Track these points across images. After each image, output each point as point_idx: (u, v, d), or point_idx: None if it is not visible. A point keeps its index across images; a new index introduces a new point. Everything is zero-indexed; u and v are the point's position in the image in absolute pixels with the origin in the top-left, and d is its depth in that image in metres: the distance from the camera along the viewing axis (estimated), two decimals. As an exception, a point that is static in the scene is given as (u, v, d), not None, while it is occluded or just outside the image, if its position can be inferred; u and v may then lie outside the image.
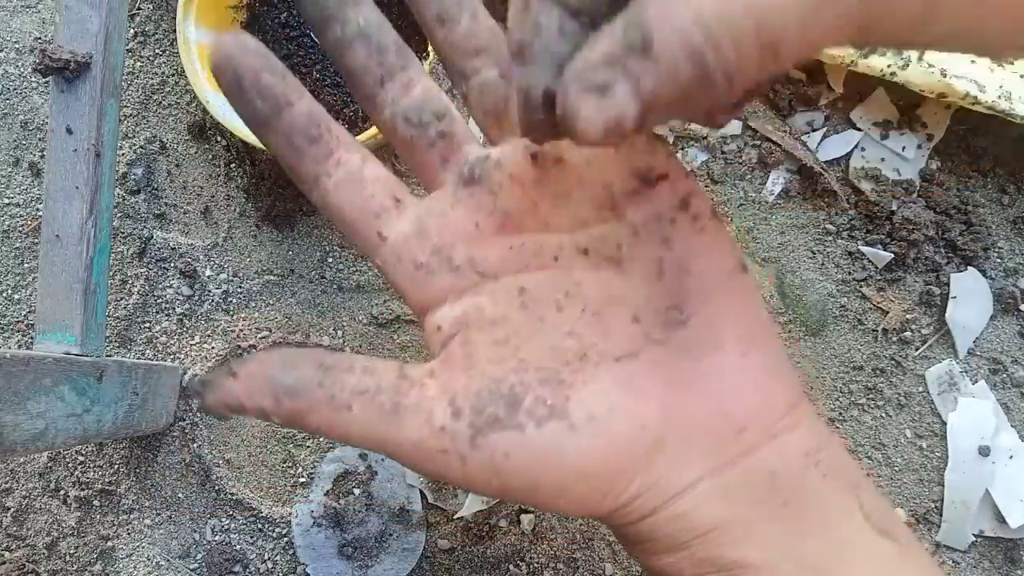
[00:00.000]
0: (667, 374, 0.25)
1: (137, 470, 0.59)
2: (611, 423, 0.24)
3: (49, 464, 0.60)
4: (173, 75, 0.62)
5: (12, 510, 0.60)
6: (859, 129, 0.58)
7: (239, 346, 0.59)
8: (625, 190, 0.26)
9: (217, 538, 0.59)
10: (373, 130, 0.51)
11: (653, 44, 0.16)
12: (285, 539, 0.58)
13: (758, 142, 0.59)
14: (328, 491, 0.58)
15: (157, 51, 0.63)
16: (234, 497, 0.59)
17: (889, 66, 0.54)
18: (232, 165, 0.61)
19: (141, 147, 0.62)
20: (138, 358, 0.60)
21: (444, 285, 0.28)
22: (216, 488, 0.59)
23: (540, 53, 0.19)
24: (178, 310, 0.60)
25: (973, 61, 0.55)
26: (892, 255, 0.56)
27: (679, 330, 0.25)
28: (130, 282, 0.61)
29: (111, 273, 0.60)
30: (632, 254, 0.26)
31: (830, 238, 0.58)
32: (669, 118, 0.19)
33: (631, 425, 0.24)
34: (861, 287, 0.57)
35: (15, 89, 0.63)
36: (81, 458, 0.59)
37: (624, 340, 0.25)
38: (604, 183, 0.26)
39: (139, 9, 0.63)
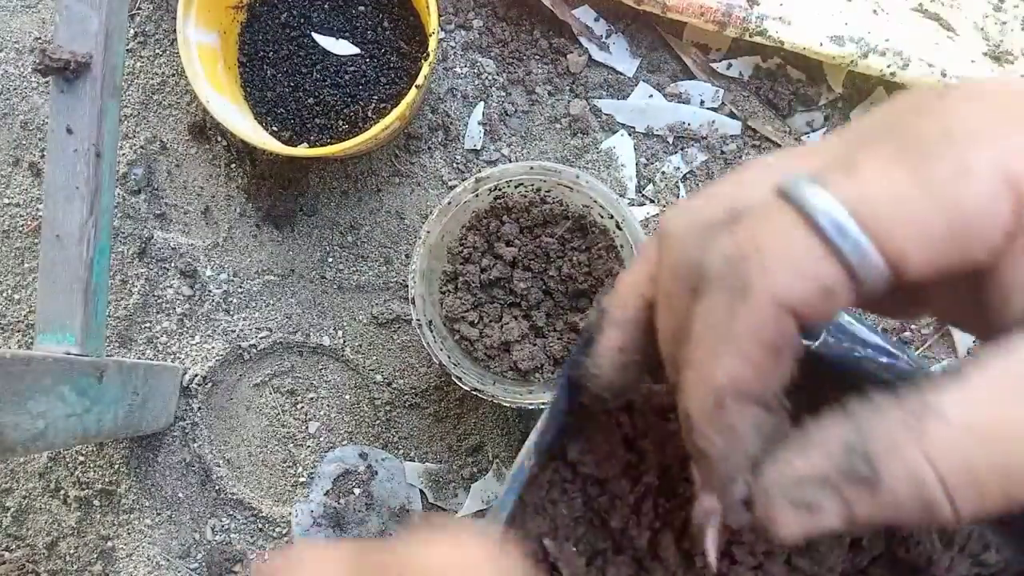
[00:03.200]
0: None
1: (137, 470, 0.59)
2: None
3: (49, 464, 0.60)
4: (173, 75, 0.62)
5: (12, 510, 0.60)
6: (859, 129, 0.58)
7: (239, 346, 0.59)
8: None
9: (217, 538, 0.59)
10: (373, 130, 0.51)
11: (879, 481, 0.15)
12: (285, 539, 0.58)
13: (758, 142, 0.59)
14: (328, 491, 0.58)
15: (157, 51, 0.63)
16: (234, 497, 0.59)
17: (889, 66, 0.54)
18: (232, 165, 0.61)
19: (141, 147, 0.62)
20: (138, 358, 0.60)
21: None
22: (216, 488, 0.59)
23: (735, 455, 0.18)
24: (178, 310, 0.60)
25: (973, 61, 0.55)
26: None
27: None
28: (130, 282, 0.61)
29: (111, 273, 0.60)
30: None
31: (830, 238, 0.58)
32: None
33: None
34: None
35: (15, 89, 0.63)
36: (81, 458, 0.59)
37: None
38: None
39: (139, 9, 0.63)
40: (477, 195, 0.50)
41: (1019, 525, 0.26)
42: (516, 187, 0.51)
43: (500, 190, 0.51)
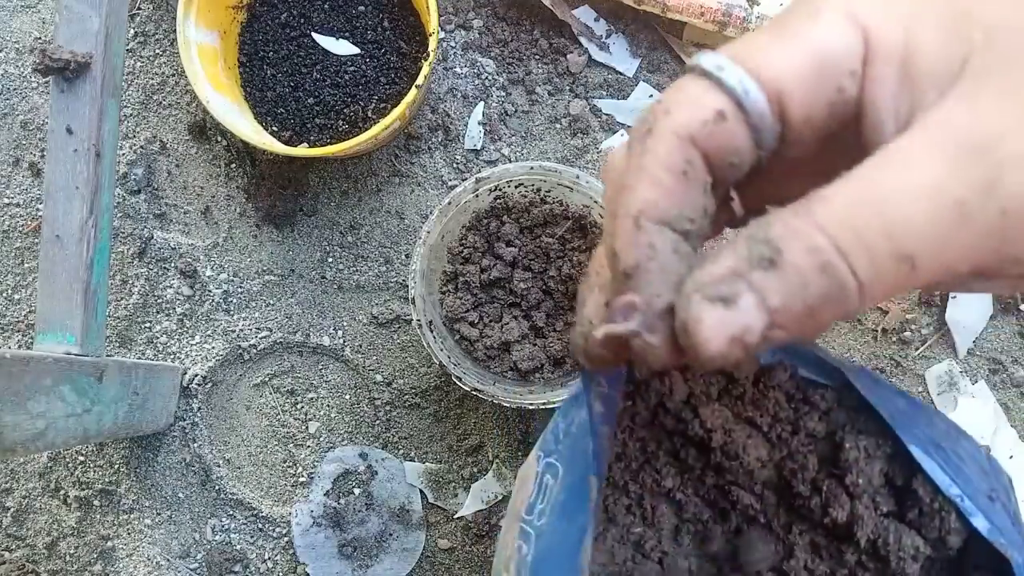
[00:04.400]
0: None
1: (137, 470, 0.59)
2: None
3: (49, 464, 0.60)
4: (173, 75, 0.62)
5: (12, 510, 0.60)
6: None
7: (239, 346, 0.59)
8: None
9: (217, 538, 0.59)
10: (373, 130, 0.51)
11: (783, 257, 0.17)
12: (285, 539, 0.58)
13: (758, 142, 0.59)
14: (328, 491, 0.58)
15: (157, 51, 0.63)
16: (234, 497, 0.59)
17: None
18: (232, 165, 0.61)
19: (141, 147, 0.62)
20: (138, 358, 0.60)
21: None
22: (216, 488, 0.59)
23: (656, 272, 0.19)
24: (178, 310, 0.60)
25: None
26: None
27: None
28: (130, 282, 0.61)
29: (111, 273, 0.60)
30: None
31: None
32: (793, 336, 0.18)
33: None
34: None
35: (15, 89, 0.63)
36: (81, 458, 0.59)
37: None
38: None
39: (139, 9, 0.63)
40: (477, 195, 0.50)
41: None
42: (516, 187, 0.51)
43: (500, 190, 0.51)
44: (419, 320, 0.49)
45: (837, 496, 0.27)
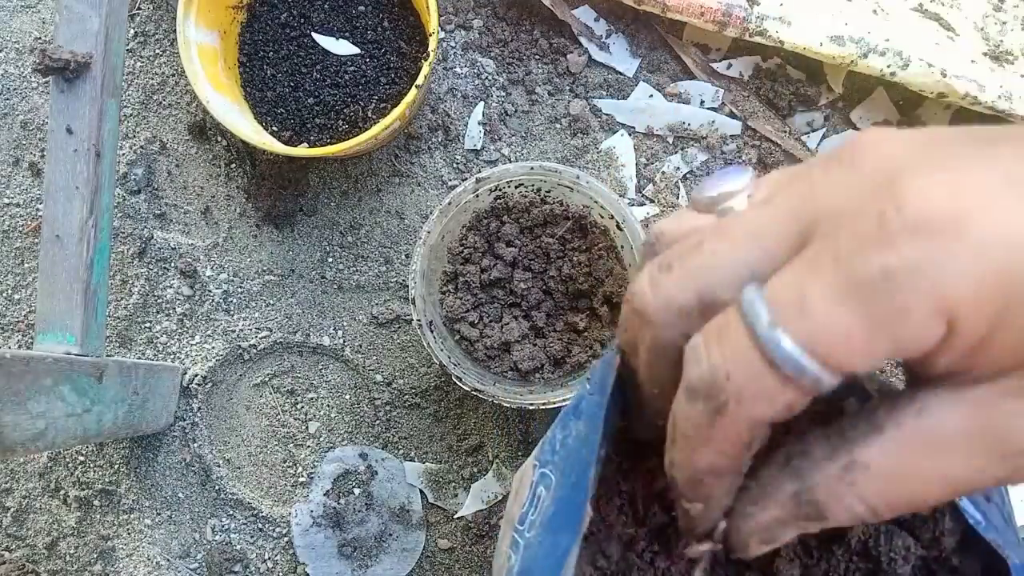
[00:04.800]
0: None
1: (137, 470, 0.59)
2: None
3: (49, 464, 0.60)
4: (173, 75, 0.62)
5: (12, 510, 0.60)
6: (859, 129, 0.58)
7: (239, 346, 0.59)
8: None
9: (217, 538, 0.59)
10: (373, 130, 0.51)
11: (828, 517, 0.20)
12: (285, 539, 0.58)
13: (758, 142, 0.59)
14: (328, 491, 0.58)
15: (157, 51, 0.63)
16: (234, 497, 0.59)
17: (889, 66, 0.54)
18: (232, 165, 0.61)
19: (141, 147, 0.62)
20: (138, 358, 0.60)
21: None
22: (216, 488, 0.59)
23: (712, 510, 0.23)
24: (178, 310, 0.60)
25: (973, 61, 0.55)
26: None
27: None
28: (130, 282, 0.61)
29: (111, 273, 0.60)
30: None
31: (830, 238, 0.58)
32: None
33: None
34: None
35: (15, 89, 0.63)
36: (81, 458, 0.59)
37: None
38: None
39: (139, 9, 0.63)
40: (477, 195, 0.50)
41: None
42: (516, 187, 0.51)
43: (500, 190, 0.51)
44: (419, 320, 0.49)
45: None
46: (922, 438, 0.19)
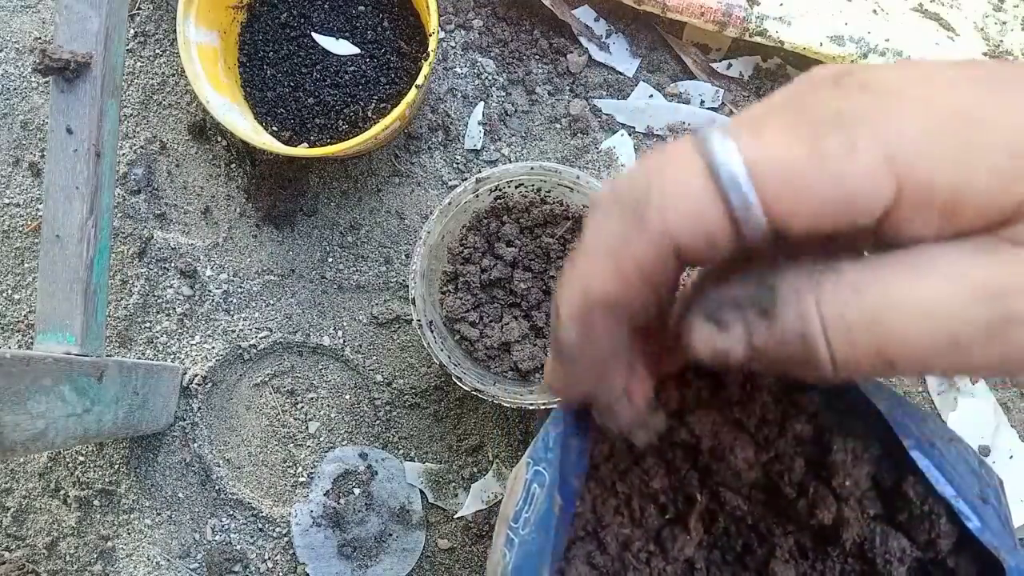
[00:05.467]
0: None
1: (137, 470, 0.59)
2: None
3: (49, 464, 0.60)
4: (173, 75, 0.62)
5: (12, 510, 0.60)
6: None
7: (239, 346, 0.59)
8: None
9: (217, 538, 0.59)
10: (373, 130, 0.51)
11: (776, 312, 0.18)
12: (285, 539, 0.58)
13: (758, 142, 0.59)
14: (328, 491, 0.58)
15: (157, 51, 0.63)
16: (234, 497, 0.59)
17: (889, 66, 0.54)
18: (232, 165, 0.61)
19: (141, 147, 0.62)
20: (138, 358, 0.60)
21: None
22: (216, 488, 0.59)
23: (587, 365, 0.22)
24: (178, 310, 0.60)
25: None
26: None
27: None
28: (130, 282, 0.61)
29: (111, 273, 0.60)
30: None
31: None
32: (770, 372, 0.20)
33: None
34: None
35: (15, 89, 0.63)
36: (81, 458, 0.59)
37: None
38: None
39: (139, 9, 0.63)
40: (477, 195, 0.50)
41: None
42: (516, 187, 0.51)
43: (500, 190, 0.51)
44: (419, 320, 0.49)
45: (824, 498, 0.27)
46: (912, 260, 0.18)
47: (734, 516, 0.29)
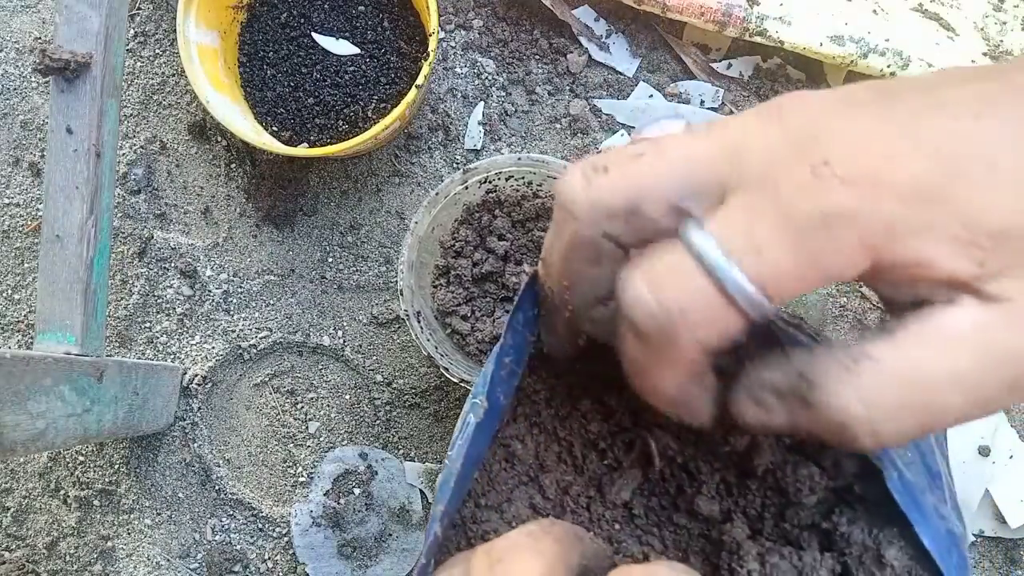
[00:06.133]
0: None
1: (137, 470, 0.59)
2: None
3: (49, 464, 0.60)
4: (173, 75, 0.62)
5: (12, 510, 0.60)
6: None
7: (239, 346, 0.59)
8: None
9: (217, 538, 0.59)
10: (373, 130, 0.51)
11: (815, 404, 0.20)
12: (285, 539, 0.58)
13: (758, 142, 0.59)
14: (328, 491, 0.58)
15: (157, 51, 0.63)
16: (234, 497, 0.59)
17: (889, 66, 0.54)
18: (232, 165, 0.61)
19: (141, 147, 0.62)
20: (138, 358, 0.60)
21: None
22: (216, 488, 0.59)
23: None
24: (178, 310, 0.60)
25: (973, 61, 0.55)
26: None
27: None
28: (130, 282, 0.61)
29: (111, 273, 0.60)
30: None
31: (830, 238, 0.58)
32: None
33: None
34: (861, 287, 0.57)
35: (15, 89, 0.63)
36: (81, 458, 0.59)
37: None
38: None
39: (139, 9, 0.63)
40: (467, 187, 0.50)
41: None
42: (507, 180, 0.51)
43: (491, 183, 0.51)
44: (407, 311, 0.49)
45: (736, 424, 0.28)
46: (932, 334, 0.20)
47: (666, 456, 0.30)
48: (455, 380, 0.48)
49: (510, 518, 0.30)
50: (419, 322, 0.49)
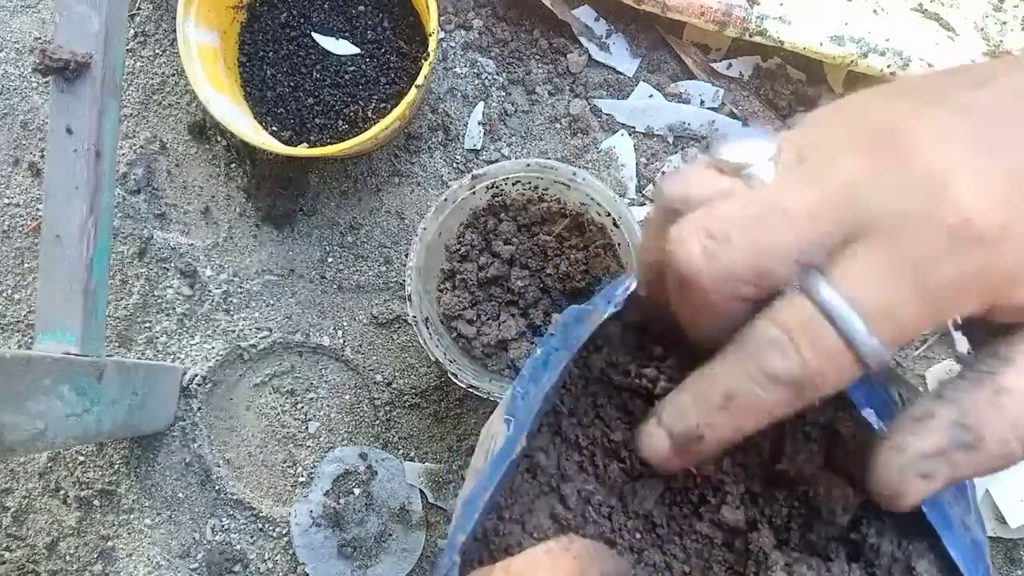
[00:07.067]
0: None
1: (137, 470, 0.59)
2: None
3: (49, 464, 0.60)
4: (173, 75, 0.62)
5: (12, 510, 0.60)
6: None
7: (239, 346, 0.59)
8: None
9: (217, 538, 0.59)
10: (373, 130, 0.51)
11: (984, 444, 0.21)
12: (285, 539, 0.58)
13: (758, 142, 0.59)
14: (328, 491, 0.58)
15: (157, 51, 0.63)
16: (234, 497, 0.59)
17: (889, 66, 0.54)
18: (232, 165, 0.61)
19: (141, 147, 0.62)
20: (138, 358, 0.60)
21: None
22: (216, 488, 0.59)
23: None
24: (178, 310, 0.60)
25: (973, 61, 0.55)
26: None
27: None
28: (130, 282, 0.61)
29: (111, 273, 0.60)
30: None
31: (830, 238, 0.58)
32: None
33: None
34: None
35: (15, 89, 0.63)
36: (81, 458, 0.59)
37: None
38: None
39: (139, 9, 0.63)
40: (474, 192, 0.50)
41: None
42: (513, 184, 0.51)
43: (497, 187, 0.51)
44: (415, 316, 0.49)
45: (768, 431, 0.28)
46: None
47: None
48: (463, 386, 0.48)
49: (531, 530, 0.29)
50: (428, 328, 0.49)
